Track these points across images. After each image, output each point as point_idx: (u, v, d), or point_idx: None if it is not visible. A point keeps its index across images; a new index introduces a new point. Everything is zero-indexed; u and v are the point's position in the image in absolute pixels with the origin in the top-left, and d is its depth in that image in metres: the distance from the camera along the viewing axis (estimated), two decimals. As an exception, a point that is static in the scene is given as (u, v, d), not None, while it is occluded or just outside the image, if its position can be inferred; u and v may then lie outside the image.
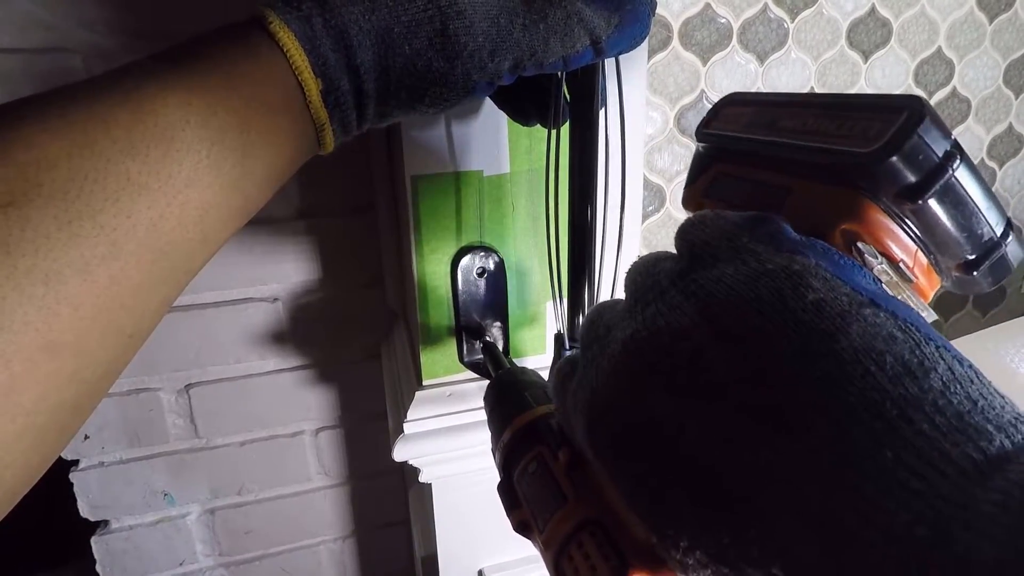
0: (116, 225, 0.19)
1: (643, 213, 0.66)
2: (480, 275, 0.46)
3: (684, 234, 0.20)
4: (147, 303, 0.21)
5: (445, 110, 0.29)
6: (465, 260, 0.45)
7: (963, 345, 0.67)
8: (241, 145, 0.23)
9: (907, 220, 0.18)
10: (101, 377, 0.21)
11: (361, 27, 0.25)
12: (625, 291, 0.21)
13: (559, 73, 0.33)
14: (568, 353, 0.38)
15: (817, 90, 0.67)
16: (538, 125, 0.37)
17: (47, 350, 0.18)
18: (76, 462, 0.64)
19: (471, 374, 0.49)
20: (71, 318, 0.18)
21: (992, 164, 0.77)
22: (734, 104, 0.25)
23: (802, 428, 0.13)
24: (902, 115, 0.17)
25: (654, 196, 0.65)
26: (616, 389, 0.17)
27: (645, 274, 0.19)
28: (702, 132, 0.26)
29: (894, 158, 0.17)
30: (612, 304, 0.21)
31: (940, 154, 0.17)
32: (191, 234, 0.22)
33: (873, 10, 0.65)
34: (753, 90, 0.64)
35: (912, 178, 0.17)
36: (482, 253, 0.45)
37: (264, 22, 0.24)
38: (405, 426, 0.48)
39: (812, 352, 0.14)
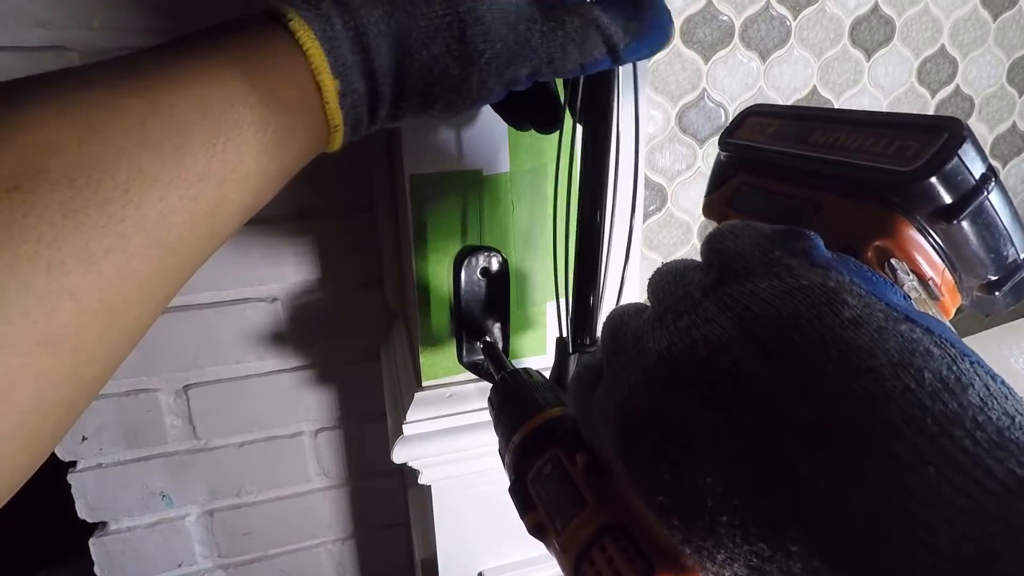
0: (125, 216, 0.19)
1: (644, 212, 0.65)
2: (482, 275, 0.45)
3: (714, 243, 0.19)
4: (150, 300, 0.21)
5: (457, 115, 0.28)
6: (466, 260, 0.45)
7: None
8: (256, 141, 0.22)
9: (937, 239, 0.19)
10: (98, 376, 0.20)
11: (380, 30, 0.24)
12: (650, 299, 0.20)
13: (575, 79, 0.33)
14: (575, 357, 0.38)
15: (819, 88, 0.66)
16: (531, 130, 0.36)
17: (46, 345, 0.17)
18: (74, 463, 0.64)
19: (471, 375, 0.48)
20: (72, 312, 0.18)
21: (995, 163, 0.77)
22: (759, 115, 0.25)
23: (844, 444, 0.13)
24: (942, 136, 0.18)
25: (655, 195, 0.65)
26: (651, 401, 0.17)
27: (674, 283, 0.19)
28: (726, 141, 0.25)
29: (933, 178, 0.17)
30: (636, 311, 0.21)
31: (977, 176, 0.18)
32: (200, 229, 0.21)
33: (876, 8, 0.65)
34: (755, 89, 0.63)
35: (948, 199, 0.18)
36: (483, 253, 0.45)
37: (284, 19, 0.23)
38: (404, 427, 0.47)
39: (852, 368, 0.14)
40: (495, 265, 0.45)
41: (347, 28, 0.24)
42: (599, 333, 0.38)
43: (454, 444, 0.48)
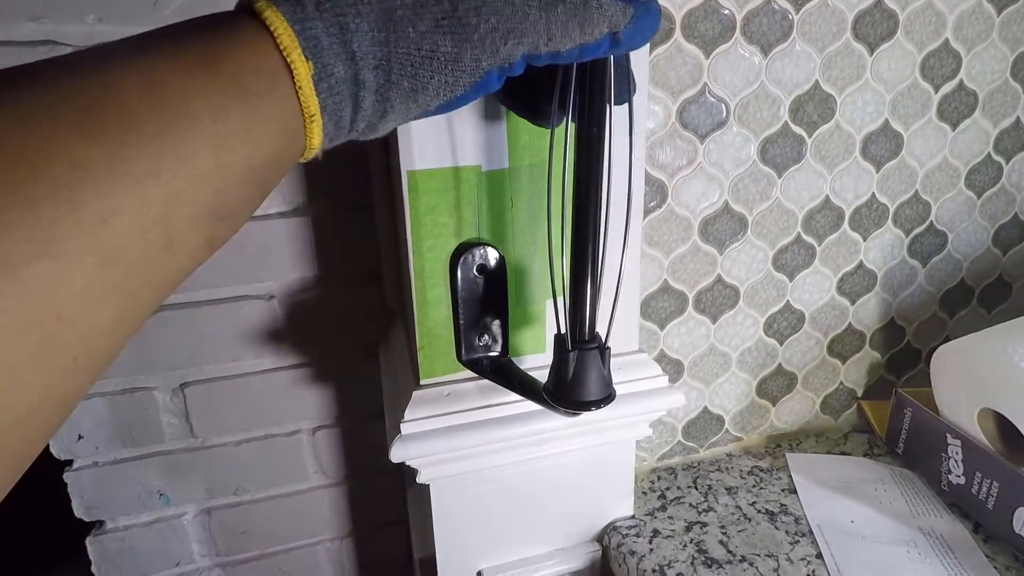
0: (56, 218, 0.16)
1: (644, 209, 0.65)
2: (479, 272, 0.45)
3: None
4: (94, 317, 0.18)
5: (449, 101, 0.27)
6: (464, 257, 0.44)
7: (968, 342, 0.66)
8: (215, 134, 0.20)
9: None
10: (32, 407, 0.17)
11: (359, 9, 0.23)
12: None
13: (570, 66, 0.32)
14: (574, 354, 0.37)
15: (822, 83, 0.66)
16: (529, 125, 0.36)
17: None
18: (70, 462, 0.64)
19: (470, 373, 0.48)
20: None
21: (998, 159, 0.76)
22: None
23: None
24: None
25: (655, 192, 0.64)
26: None
27: None
28: None
29: None
30: None
31: None
32: (152, 235, 0.19)
33: (879, 1, 0.64)
34: (756, 84, 0.63)
35: None
36: (481, 250, 0.44)
37: (251, 4, 0.22)
38: (403, 426, 0.47)
39: None
40: (491, 261, 0.45)
41: (320, 7, 0.22)
42: (597, 327, 0.38)
43: (453, 443, 0.48)
